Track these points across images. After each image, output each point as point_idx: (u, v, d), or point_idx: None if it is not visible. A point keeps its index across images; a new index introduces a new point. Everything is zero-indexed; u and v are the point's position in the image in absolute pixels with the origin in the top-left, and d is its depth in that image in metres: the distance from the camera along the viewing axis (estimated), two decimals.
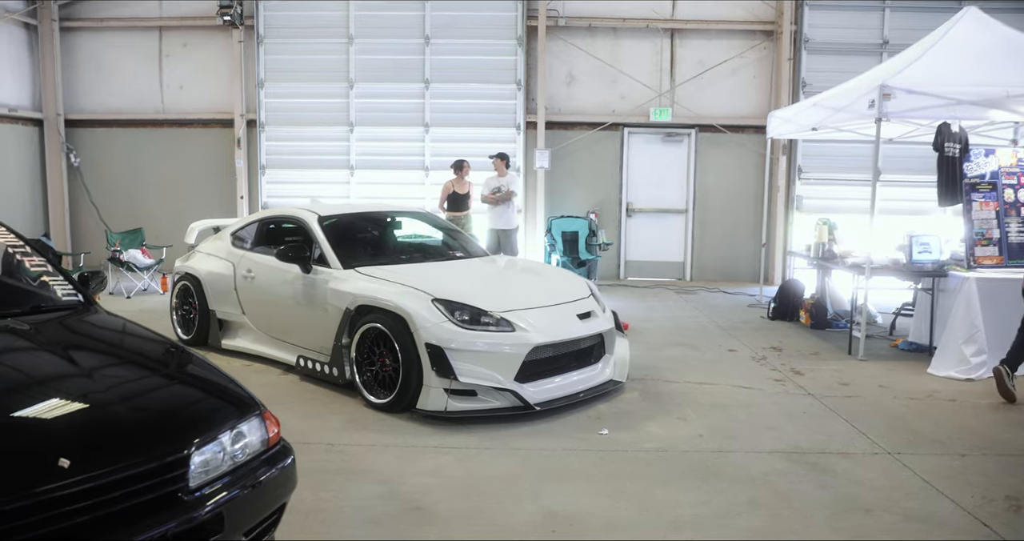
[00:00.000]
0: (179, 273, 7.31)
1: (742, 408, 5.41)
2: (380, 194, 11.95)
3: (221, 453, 2.55)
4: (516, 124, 11.93)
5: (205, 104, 12.18)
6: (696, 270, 12.14)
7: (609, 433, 4.84)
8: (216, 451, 2.52)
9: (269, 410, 2.96)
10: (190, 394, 2.80)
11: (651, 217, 12.18)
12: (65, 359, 2.77)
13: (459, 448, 4.57)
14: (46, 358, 2.82)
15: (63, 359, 2.77)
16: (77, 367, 2.69)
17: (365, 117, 12.04)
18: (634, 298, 10.40)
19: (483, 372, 4.95)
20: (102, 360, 2.90)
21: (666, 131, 12.00)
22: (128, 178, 12.31)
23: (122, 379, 2.73)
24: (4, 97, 11.37)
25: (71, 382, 2.59)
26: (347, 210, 6.96)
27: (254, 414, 2.78)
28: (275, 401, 5.54)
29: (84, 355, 2.86)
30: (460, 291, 5.31)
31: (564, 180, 12.03)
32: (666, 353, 7.11)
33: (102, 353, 3.01)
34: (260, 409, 2.82)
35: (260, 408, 2.83)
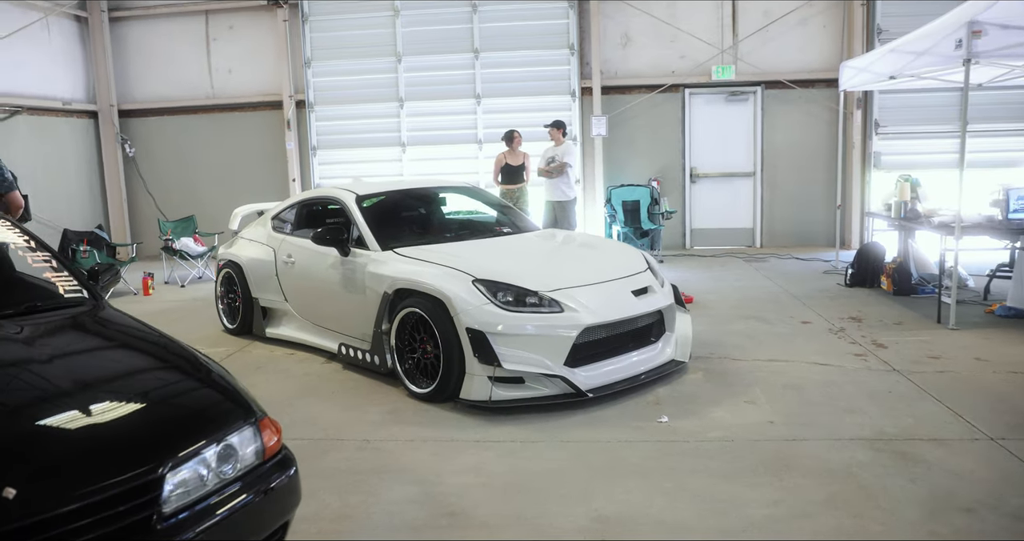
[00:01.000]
0: (222, 260, 7.14)
1: (818, 388, 4.89)
2: (433, 170, 11.64)
3: (205, 471, 2.24)
4: (571, 91, 11.41)
5: (254, 87, 12.05)
6: (766, 236, 11.46)
7: (669, 421, 4.41)
8: (198, 469, 2.22)
9: (268, 416, 2.64)
10: (173, 403, 2.49)
11: (717, 182, 11.53)
12: (35, 367, 2.50)
13: (503, 442, 4.22)
14: (12, 367, 2.54)
15: (32, 367, 2.50)
16: (44, 377, 2.42)
17: (415, 91, 11.71)
18: (700, 268, 9.84)
19: (530, 357, 4.57)
20: (78, 367, 2.62)
21: (730, 90, 11.29)
22: (181, 165, 12.32)
23: (96, 388, 2.43)
24: (59, 91, 11.46)
25: (31, 394, 2.32)
26: (387, 188, 6.63)
27: (247, 423, 2.46)
28: (314, 392, 5.34)
29: (59, 363, 2.58)
30: (504, 270, 4.93)
31: (623, 147, 11.47)
32: (733, 327, 6.59)
33: (81, 359, 2.73)
34: (255, 416, 2.50)
35: (256, 415, 2.51)
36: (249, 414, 2.51)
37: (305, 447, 4.26)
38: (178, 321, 7.80)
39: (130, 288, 9.48)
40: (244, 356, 6.32)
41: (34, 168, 10.94)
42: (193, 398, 2.54)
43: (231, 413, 2.47)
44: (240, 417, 2.47)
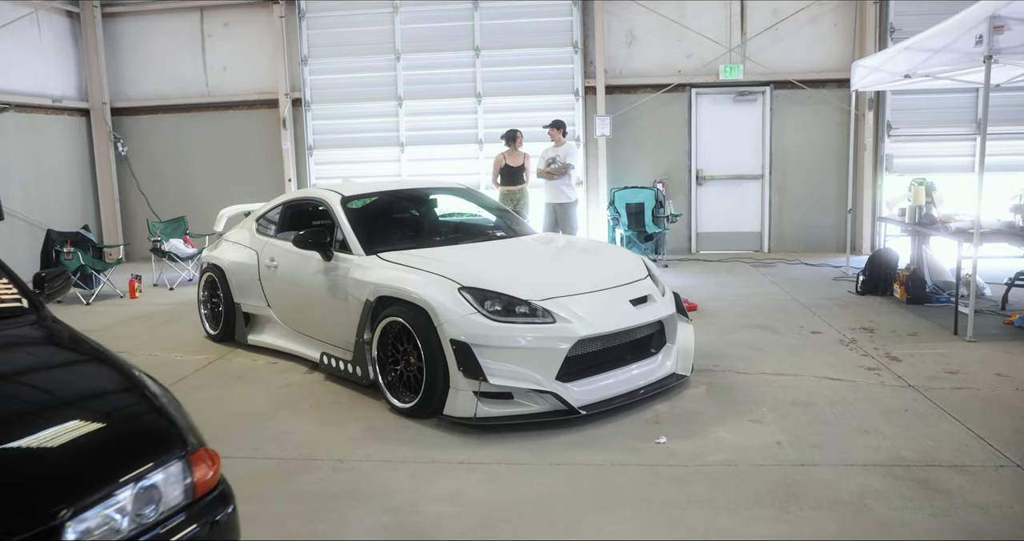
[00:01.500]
0: (204, 263, 6.85)
1: (829, 406, 4.56)
2: (432, 171, 11.35)
3: (119, 516, 1.94)
4: (574, 90, 11.09)
5: (249, 85, 11.77)
6: (775, 240, 11.11)
7: (667, 442, 4.08)
8: (110, 515, 1.92)
9: (206, 447, 2.33)
10: (88, 435, 2.17)
11: (724, 184, 11.19)
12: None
13: (487, 464, 3.90)
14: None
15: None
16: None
17: (414, 90, 11.41)
18: (705, 273, 9.51)
19: (518, 371, 4.26)
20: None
21: (738, 90, 10.95)
22: (175, 165, 12.06)
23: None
24: (49, 88, 11.20)
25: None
26: (376, 189, 6.33)
27: (177, 457, 2.16)
28: (292, 405, 5.03)
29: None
30: (493, 277, 4.62)
31: (627, 148, 11.15)
32: (739, 337, 6.26)
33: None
34: (188, 448, 2.20)
35: (188, 447, 2.21)
36: (180, 446, 2.20)
37: (275, 467, 3.97)
38: (162, 326, 7.53)
39: (117, 291, 9.21)
40: (224, 365, 6.02)
41: (24, 167, 10.69)
42: (115, 429, 2.24)
43: (158, 445, 2.17)
44: (168, 450, 2.17)
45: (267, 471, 3.93)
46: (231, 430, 4.55)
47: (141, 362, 6.20)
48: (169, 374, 5.78)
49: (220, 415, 4.83)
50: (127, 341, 6.90)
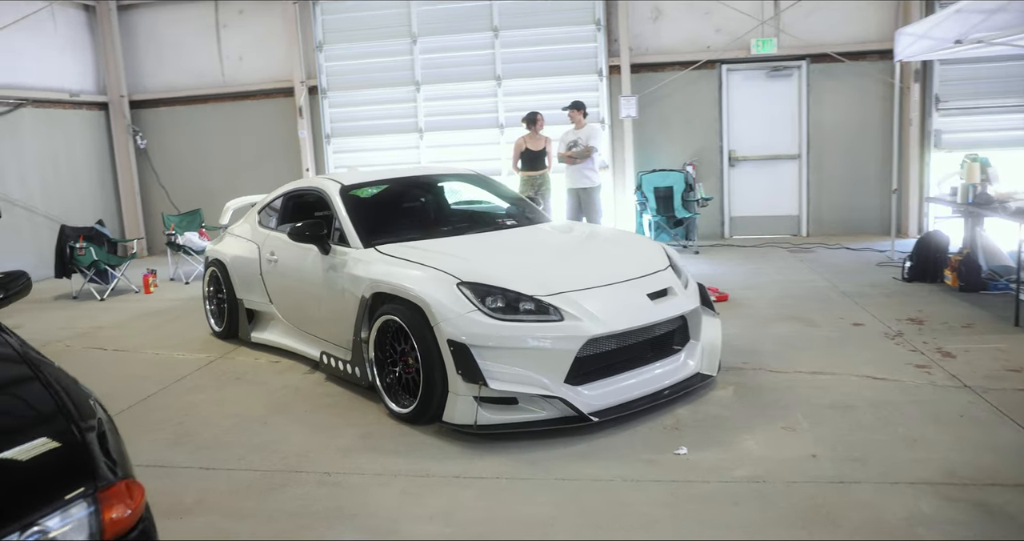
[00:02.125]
0: (208, 258, 6.57)
1: (871, 410, 4.08)
2: (453, 157, 10.97)
3: None
4: (598, 70, 10.60)
5: (265, 73, 11.49)
6: (813, 224, 10.52)
7: (688, 453, 3.66)
8: None
9: (130, 479, 1.98)
10: None
11: (758, 165, 10.62)
12: None
13: (485, 478, 3.53)
14: None
15: None
16: None
17: (432, 74, 11.02)
18: (738, 260, 9.00)
19: (522, 375, 3.87)
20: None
21: (771, 65, 10.35)
22: (193, 157, 11.86)
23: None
24: (66, 82, 11.04)
25: None
26: (379, 177, 5.97)
27: (82, 495, 1.81)
28: (287, 409, 4.69)
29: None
30: (496, 271, 4.22)
31: (655, 129, 10.63)
32: (773, 330, 5.79)
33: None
34: (98, 484, 1.85)
35: (100, 482, 1.86)
36: (88, 482, 1.86)
37: (258, 481, 3.64)
38: (171, 322, 7.29)
39: (131, 286, 9.02)
40: (225, 364, 5.73)
41: (42, 162, 10.56)
42: (10, 461, 1.89)
43: (58, 483, 1.83)
44: (71, 487, 1.82)
45: (249, 485, 3.60)
46: (221, 437, 4.24)
47: (144, 360, 6.01)
48: (169, 374, 5.53)
49: (212, 420, 4.53)
50: (133, 338, 6.67)
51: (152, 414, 4.71)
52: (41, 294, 9.18)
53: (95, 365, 5.96)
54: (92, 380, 5.51)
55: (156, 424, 4.52)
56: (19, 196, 10.10)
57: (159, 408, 4.82)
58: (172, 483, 3.68)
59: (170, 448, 4.13)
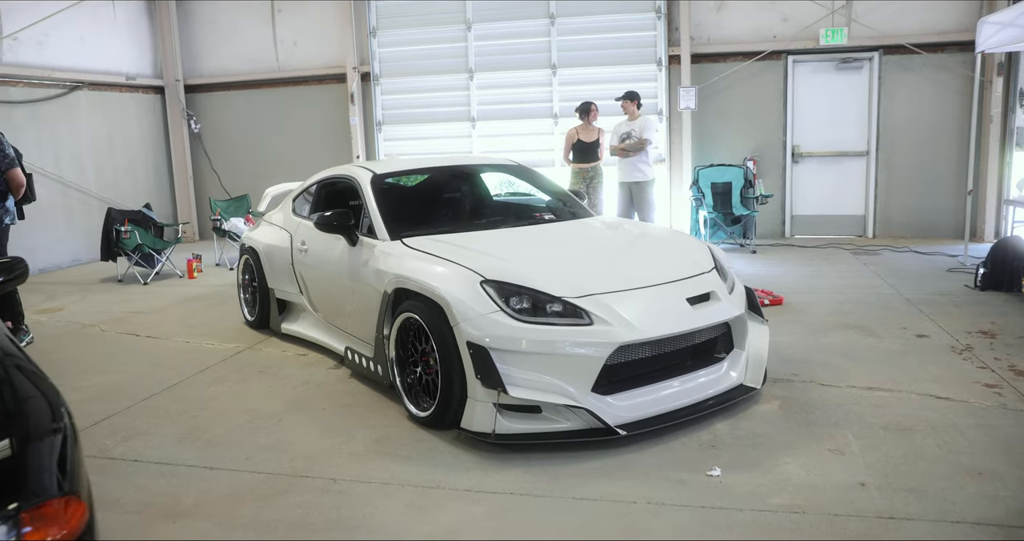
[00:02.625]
0: (243, 245, 6.46)
1: (932, 434, 3.68)
2: (505, 147, 10.71)
3: None
4: (657, 59, 10.19)
5: (319, 59, 11.40)
6: (880, 225, 9.94)
7: (722, 475, 3.34)
8: None
9: (73, 495, 1.78)
10: None
11: (823, 162, 10.08)
12: None
13: (499, 494, 3.27)
14: None
15: None
16: None
17: (485, 62, 10.76)
18: (798, 262, 8.52)
19: (545, 382, 3.59)
20: None
21: (841, 56, 9.78)
22: (246, 142, 11.87)
23: None
24: (123, 66, 11.15)
25: None
26: (414, 166, 5.75)
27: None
28: (305, 407, 4.50)
29: None
30: (524, 269, 3.95)
31: (714, 122, 10.18)
32: (828, 340, 5.38)
33: None
34: (20, 503, 1.66)
35: (24, 501, 1.66)
36: (13, 498, 1.66)
37: (261, 485, 3.46)
38: (208, 309, 7.23)
39: (176, 271, 9.03)
40: (251, 355, 5.60)
41: (97, 145, 10.69)
42: None
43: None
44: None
45: (251, 489, 3.42)
46: (232, 434, 4.08)
47: (173, 348, 5.93)
48: (194, 363, 5.43)
49: (227, 415, 4.38)
50: (167, 325, 6.61)
51: (170, 406, 4.59)
52: (89, 276, 9.28)
53: (125, 351, 5.90)
54: (118, 367, 5.49)
55: (171, 417, 4.39)
56: (73, 179, 10.23)
57: (178, 399, 4.70)
58: (174, 483, 3.53)
59: (179, 444, 3.98)
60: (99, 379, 5.18)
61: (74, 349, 6.03)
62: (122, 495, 3.42)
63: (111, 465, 3.76)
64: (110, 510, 3.28)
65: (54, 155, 9.95)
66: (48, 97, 9.92)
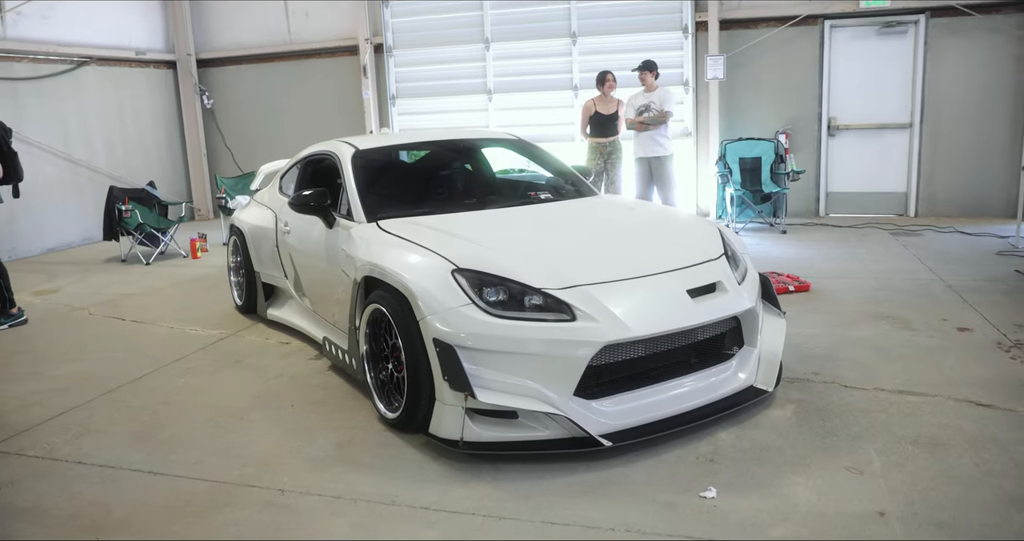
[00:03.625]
0: (231, 226, 6.12)
1: (970, 451, 3.18)
2: (523, 120, 10.24)
3: None
4: (683, 26, 9.57)
5: (331, 30, 10.97)
6: (924, 203, 9.26)
7: (717, 497, 2.89)
8: None
9: None
10: None
11: (861, 135, 9.40)
12: None
13: (458, 513, 2.86)
14: None
15: None
16: None
17: (502, 31, 10.24)
18: (830, 242, 7.93)
19: (520, 385, 3.16)
20: None
21: (883, 20, 9.06)
22: (259, 117, 11.55)
23: None
24: (133, 40, 10.85)
25: None
26: (402, 140, 5.33)
27: None
28: (273, 402, 4.07)
29: None
30: (505, 256, 3.51)
31: (744, 93, 9.55)
32: (857, 333, 4.86)
33: None
34: None
35: None
36: None
37: (201, 495, 3.11)
38: (203, 292, 6.94)
39: (180, 250, 8.77)
40: (232, 343, 5.27)
41: (107, 121, 10.44)
42: None
43: None
44: None
45: (189, 500, 3.07)
46: (188, 434, 3.75)
47: (155, 334, 5.62)
48: (172, 350, 5.14)
49: (189, 411, 4.05)
50: (155, 309, 6.33)
51: (133, 400, 4.27)
52: (93, 256, 9.07)
53: (106, 336, 5.62)
54: (95, 353, 5.18)
55: (131, 413, 4.07)
56: (83, 156, 10.00)
57: (144, 392, 4.38)
58: (111, 490, 3.19)
59: (131, 444, 3.66)
60: (71, 367, 4.90)
61: (57, 333, 5.76)
62: (54, 504, 3.11)
63: (52, 468, 3.45)
64: (36, 522, 2.98)
65: (62, 132, 9.72)
66: (54, 73, 9.66)
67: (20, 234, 9.19)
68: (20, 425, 3.96)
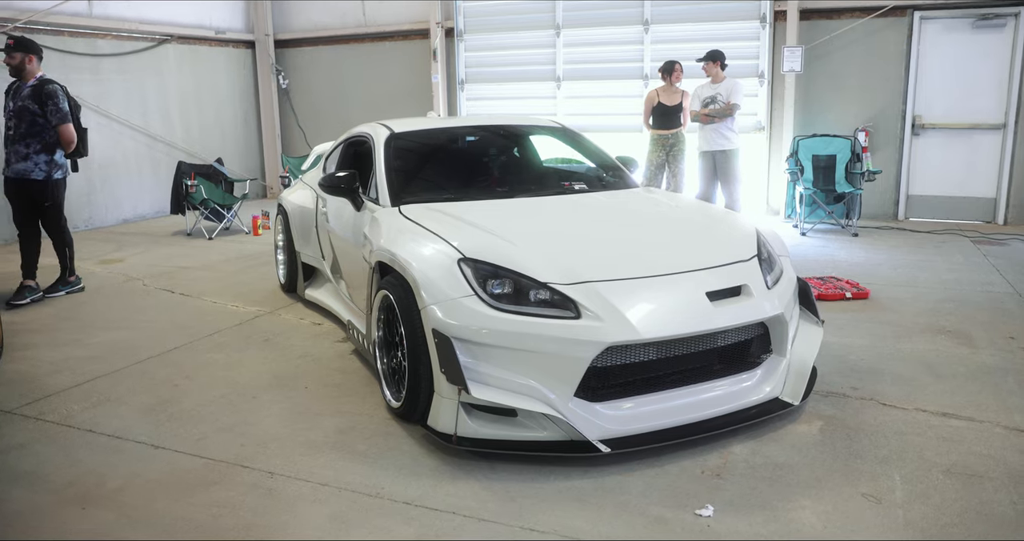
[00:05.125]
0: (279, 205, 6.16)
1: (1010, 486, 2.87)
2: (591, 109, 10.07)
3: None
4: (760, 15, 9.15)
5: (405, 14, 10.97)
6: (1014, 210, 8.61)
7: (713, 516, 2.70)
8: None
9: None
10: None
11: (949, 135, 8.80)
12: None
13: (439, 512, 2.76)
14: None
15: None
16: None
17: (574, 17, 10.03)
18: (905, 248, 7.46)
19: (517, 382, 3.03)
20: None
21: (979, 12, 8.43)
22: (331, 98, 11.67)
23: None
24: (214, 20, 11.12)
25: None
26: (441, 125, 5.23)
27: None
28: (289, 384, 4.06)
29: None
30: (517, 248, 3.37)
31: (823, 87, 9.08)
32: (910, 346, 4.51)
33: None
34: None
35: None
36: None
37: (195, 472, 3.11)
38: (254, 268, 7.06)
39: (243, 227, 8.96)
40: (266, 322, 5.31)
41: (185, 99, 10.74)
42: None
43: None
44: None
45: (182, 477, 3.07)
46: (199, 409, 3.77)
47: (197, 308, 5.73)
48: (208, 325, 5.23)
49: (207, 386, 4.08)
50: (205, 283, 6.46)
51: (159, 371, 4.34)
52: (163, 229, 9.36)
53: (152, 307, 5.76)
54: (136, 324, 5.31)
55: (152, 384, 4.13)
56: (160, 132, 10.32)
57: (169, 364, 4.45)
58: (111, 461, 3.23)
59: (143, 416, 3.70)
60: (111, 336, 5.02)
61: (108, 302, 5.93)
62: (53, 470, 3.16)
63: (64, 434, 3.52)
64: (31, 487, 3.03)
65: (141, 108, 10.04)
66: (136, 50, 9.99)
67: (97, 204, 9.55)
68: (47, 390, 4.07)
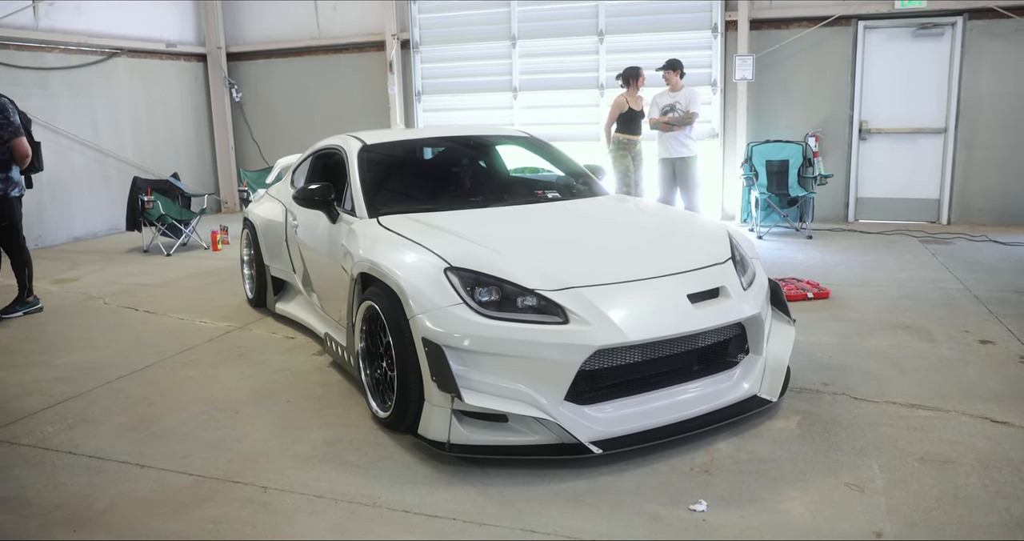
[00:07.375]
0: (244, 219, 6.12)
1: (980, 470, 3.03)
2: (548, 119, 10.18)
3: None
4: (712, 25, 9.40)
5: (358, 26, 10.98)
6: (957, 210, 8.98)
7: (707, 511, 2.78)
8: None
9: None
10: None
11: (893, 140, 9.15)
12: None
13: (438, 518, 2.79)
14: None
15: None
16: None
17: (529, 28, 10.17)
18: (857, 249, 7.72)
19: (509, 388, 3.08)
20: None
21: (919, 22, 8.80)
22: (286, 111, 11.59)
23: None
24: (165, 32, 10.95)
25: None
26: (412, 136, 5.28)
27: None
28: (271, 397, 4.05)
29: None
30: (501, 256, 3.43)
31: (774, 95, 9.36)
32: (874, 342, 4.69)
33: None
34: None
35: None
36: None
37: (184, 489, 3.08)
38: (218, 284, 6.96)
39: (201, 242, 8.83)
40: (238, 337, 5.25)
41: (136, 113, 10.56)
42: None
43: None
44: None
45: (172, 494, 3.04)
46: (180, 426, 3.72)
47: (163, 325, 5.63)
48: (178, 342, 5.13)
49: (186, 403, 4.03)
50: (169, 300, 6.35)
51: (132, 390, 4.26)
52: (117, 246, 9.17)
53: (116, 326, 5.64)
54: (103, 343, 5.20)
55: (128, 403, 4.06)
56: (111, 147, 10.12)
57: (143, 383, 4.37)
58: (96, 482, 3.17)
59: (123, 435, 3.64)
60: (77, 356, 4.92)
61: (70, 322, 5.80)
62: (37, 494, 3.09)
63: (42, 457, 3.44)
64: (16, 512, 2.96)
65: (92, 123, 9.84)
66: (85, 63, 9.79)
67: (48, 222, 9.31)
68: (17, 413, 3.97)
